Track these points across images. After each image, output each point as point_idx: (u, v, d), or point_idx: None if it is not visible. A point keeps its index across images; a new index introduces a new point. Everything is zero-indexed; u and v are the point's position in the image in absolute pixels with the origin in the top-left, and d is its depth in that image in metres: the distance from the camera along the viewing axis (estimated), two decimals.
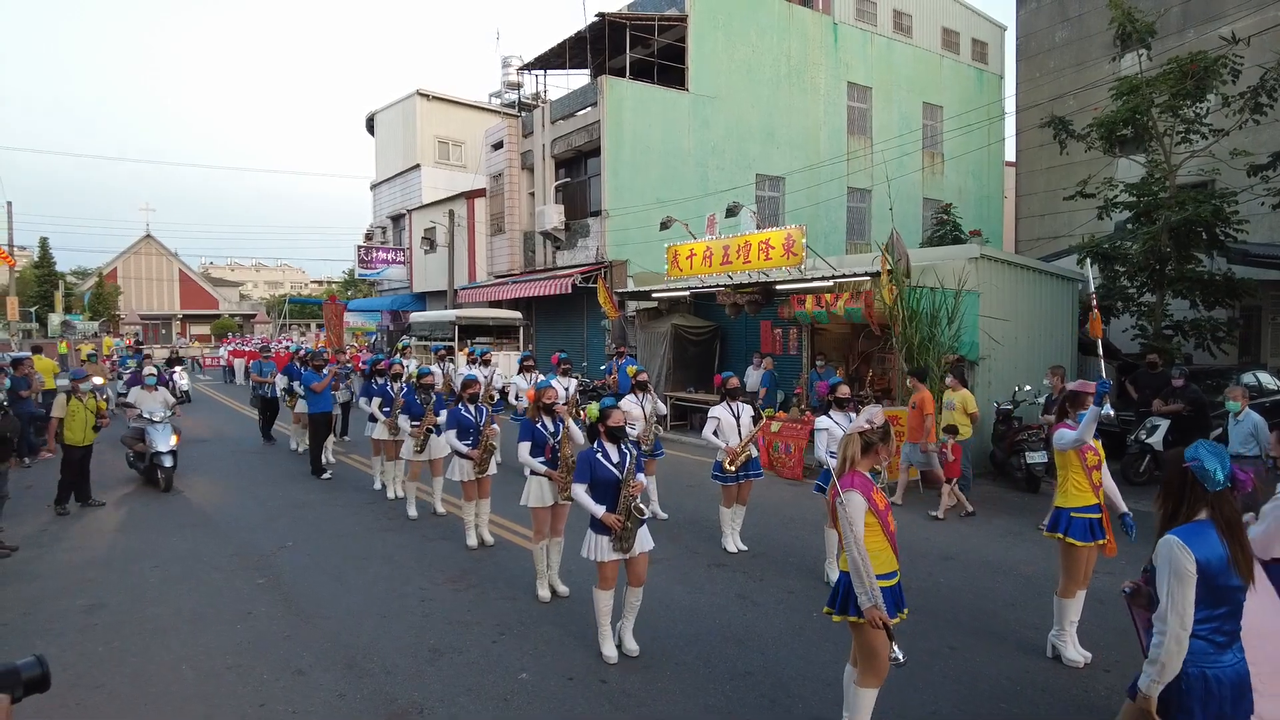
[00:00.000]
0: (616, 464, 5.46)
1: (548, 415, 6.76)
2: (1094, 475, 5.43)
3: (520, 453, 6.61)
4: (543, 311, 24.68)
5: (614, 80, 21.18)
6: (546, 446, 6.65)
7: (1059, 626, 5.47)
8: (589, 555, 5.41)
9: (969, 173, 28.34)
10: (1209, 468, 3.14)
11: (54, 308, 46.77)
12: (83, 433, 9.73)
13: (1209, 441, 3.28)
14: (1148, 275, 13.67)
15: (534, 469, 6.59)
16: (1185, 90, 12.92)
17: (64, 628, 6.05)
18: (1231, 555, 3.06)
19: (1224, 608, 3.08)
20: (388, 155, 35.24)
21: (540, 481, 6.62)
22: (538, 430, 6.68)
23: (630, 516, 5.31)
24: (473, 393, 8.23)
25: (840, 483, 4.11)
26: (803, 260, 12.70)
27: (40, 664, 1.93)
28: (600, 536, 5.37)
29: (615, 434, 5.54)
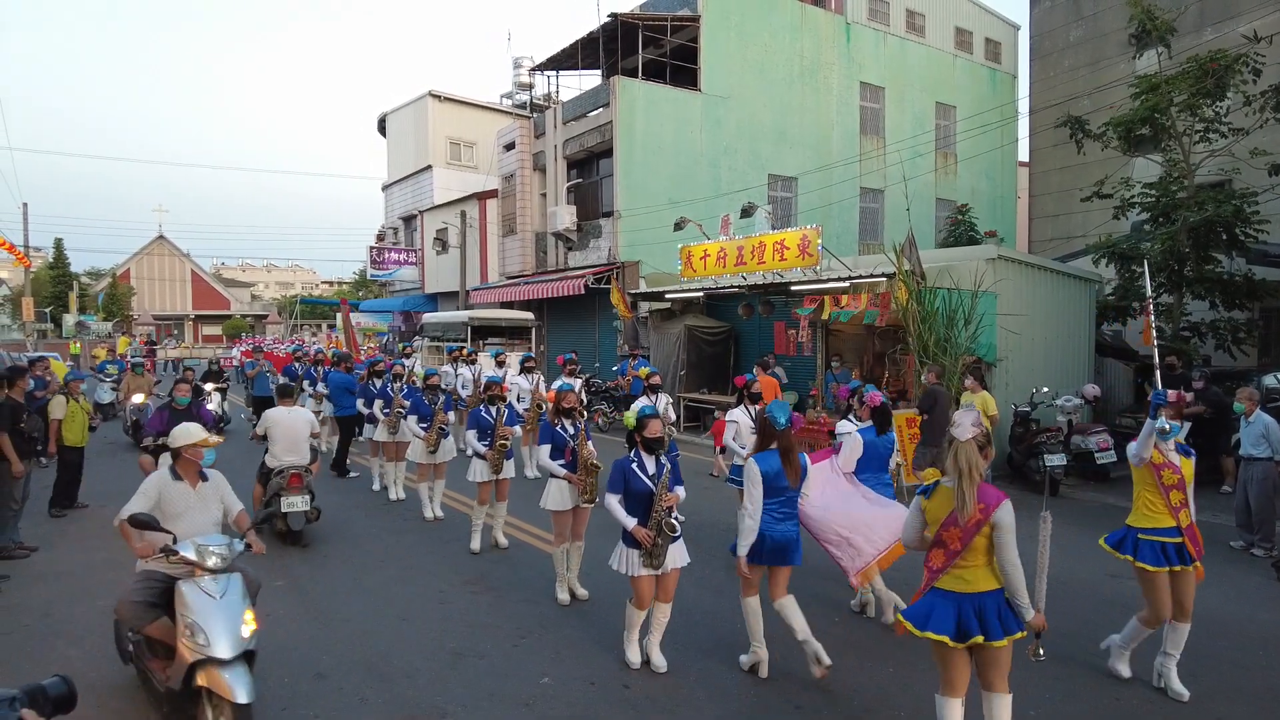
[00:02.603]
0: (651, 475, 5.29)
1: (566, 418, 6.76)
2: (1172, 495, 5.01)
3: (539, 456, 6.61)
4: (555, 312, 24.66)
5: (626, 81, 21.15)
6: (566, 449, 6.64)
7: (1161, 653, 5.04)
8: (619, 568, 5.28)
9: (982, 173, 28.17)
10: (777, 417, 5.12)
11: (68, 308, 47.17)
12: (81, 433, 9.73)
13: (780, 403, 5.27)
14: (1166, 276, 13.54)
15: (553, 472, 6.57)
16: (1205, 89, 12.80)
17: (84, 630, 6.05)
18: (784, 469, 5.08)
19: (779, 499, 5.10)
20: (399, 156, 35.32)
21: (560, 484, 6.59)
22: (557, 433, 6.67)
23: (661, 532, 5.14)
24: (493, 394, 8.19)
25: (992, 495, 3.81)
26: (818, 261, 12.64)
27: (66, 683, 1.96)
28: (631, 550, 5.23)
29: (652, 444, 5.35)
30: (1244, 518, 8.29)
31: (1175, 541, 4.96)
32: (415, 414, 9.38)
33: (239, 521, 5.06)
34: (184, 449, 4.90)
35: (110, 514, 9.68)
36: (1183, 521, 4.96)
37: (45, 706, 1.88)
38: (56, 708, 1.91)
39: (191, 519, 4.79)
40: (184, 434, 4.94)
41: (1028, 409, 11.36)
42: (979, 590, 3.82)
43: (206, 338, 63.29)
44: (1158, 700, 4.92)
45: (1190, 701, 4.90)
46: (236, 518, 5.09)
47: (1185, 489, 5.00)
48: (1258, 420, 8.11)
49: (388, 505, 10.24)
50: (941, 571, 3.88)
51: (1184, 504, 4.98)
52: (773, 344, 15.74)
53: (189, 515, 4.80)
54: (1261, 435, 8.04)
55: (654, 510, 5.16)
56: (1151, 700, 4.93)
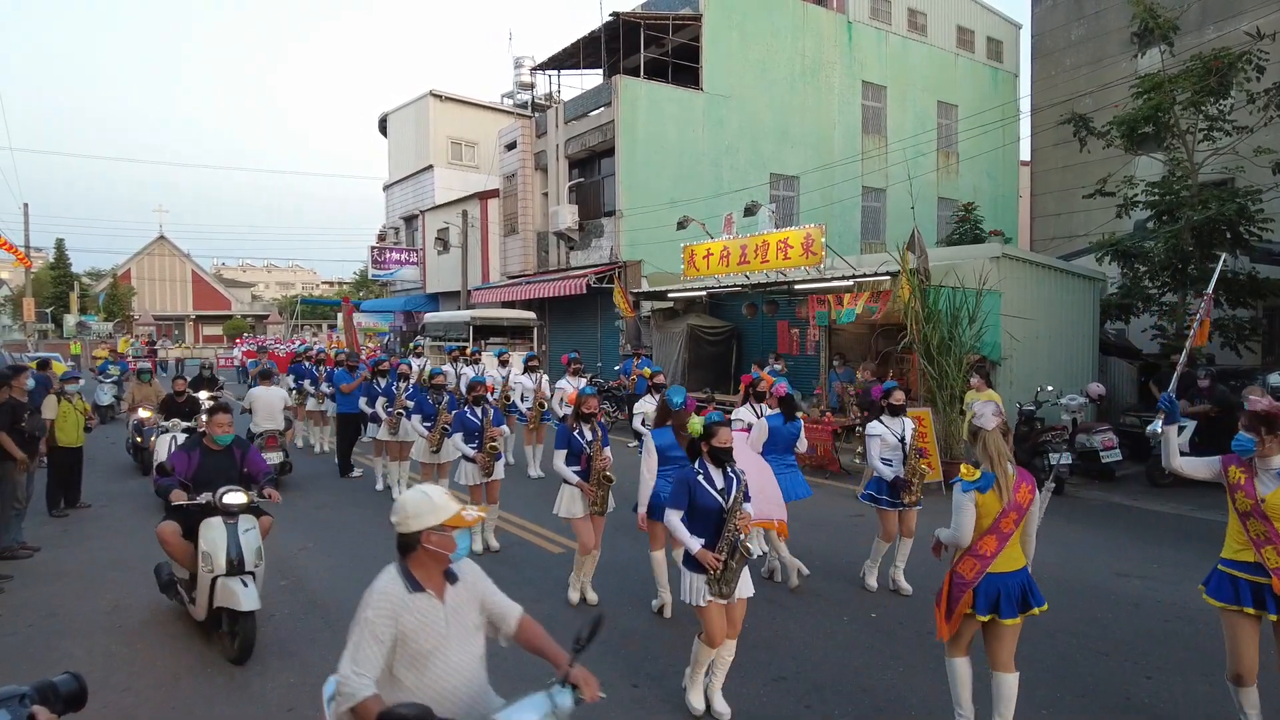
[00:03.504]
0: (721, 490, 4.60)
1: (585, 423, 6.51)
2: (1250, 525, 4.09)
3: (555, 461, 6.43)
4: (557, 312, 24.65)
5: (628, 80, 21.13)
6: (581, 456, 6.41)
7: None
8: (686, 598, 4.61)
9: (984, 172, 28.15)
10: (673, 399, 6.22)
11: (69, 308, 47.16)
12: (75, 434, 9.70)
13: (676, 386, 6.34)
14: (1170, 274, 13.51)
15: (565, 478, 6.39)
16: (1209, 87, 12.78)
17: (88, 629, 6.03)
18: (677, 440, 5.89)
19: (673, 465, 5.85)
20: (401, 156, 35.31)
21: (573, 492, 6.40)
22: (574, 439, 6.44)
23: (735, 555, 4.49)
24: (478, 395, 8.13)
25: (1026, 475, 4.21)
26: (822, 260, 12.62)
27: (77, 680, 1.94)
28: (696, 576, 4.54)
29: (721, 456, 4.66)
30: None
31: (1256, 581, 4.06)
32: (419, 413, 9.32)
33: None
34: (428, 532, 2.90)
35: (112, 514, 9.72)
36: (1269, 561, 4.00)
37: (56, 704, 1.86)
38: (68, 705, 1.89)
39: (448, 661, 2.94)
40: (426, 507, 2.92)
41: (1032, 408, 11.34)
42: (1017, 569, 4.20)
43: (207, 338, 63.31)
44: (1170, 697, 4.89)
45: (1202, 702, 4.87)
46: None
47: (1270, 521, 3.99)
48: None
49: (389, 505, 10.18)
50: (994, 557, 4.11)
51: (1270, 538, 3.99)
52: (776, 343, 15.72)
53: (444, 653, 2.93)
54: None
55: (725, 531, 4.52)
56: (1164, 698, 4.90)
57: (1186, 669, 5.29)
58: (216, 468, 5.90)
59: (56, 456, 9.47)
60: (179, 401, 10.98)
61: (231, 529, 5.52)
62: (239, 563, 5.44)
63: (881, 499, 6.71)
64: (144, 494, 10.77)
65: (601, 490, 6.38)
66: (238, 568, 5.42)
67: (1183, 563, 7.66)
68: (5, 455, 7.74)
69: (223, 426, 6.01)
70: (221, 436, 6.01)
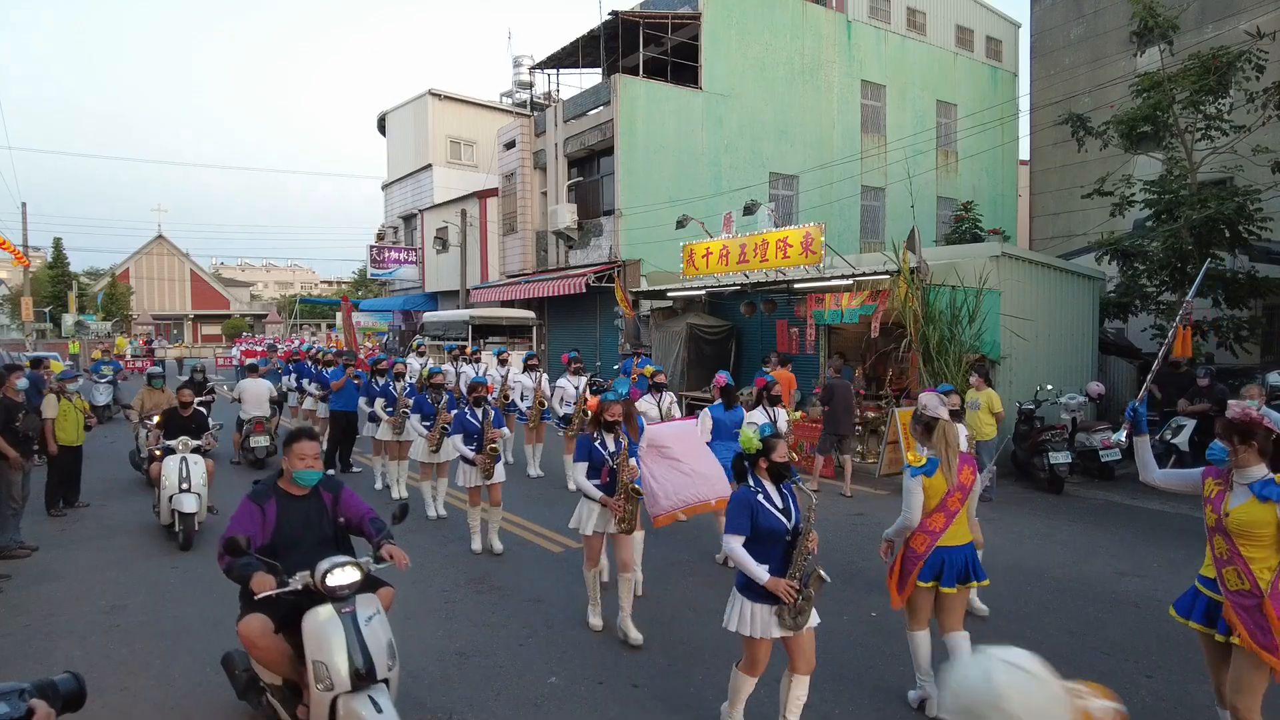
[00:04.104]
0: (782, 510, 4.20)
1: (608, 432, 5.87)
2: (1215, 541, 3.86)
3: (575, 474, 5.93)
4: (556, 311, 24.63)
5: (627, 79, 21.10)
6: (604, 468, 5.81)
7: None
8: (738, 627, 4.19)
9: (983, 171, 28.15)
10: (618, 390, 6.15)
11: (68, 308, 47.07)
12: (75, 432, 9.68)
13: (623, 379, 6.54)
14: (1168, 274, 13.52)
15: (587, 493, 5.80)
16: (1208, 86, 12.78)
17: (87, 629, 6.02)
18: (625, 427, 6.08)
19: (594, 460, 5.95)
20: (399, 155, 35.28)
21: (593, 507, 5.85)
22: (596, 449, 5.84)
23: (810, 582, 4.12)
24: (478, 396, 8.00)
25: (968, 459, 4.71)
26: (822, 259, 12.61)
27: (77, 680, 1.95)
28: (757, 605, 4.11)
29: (779, 471, 4.24)
30: None
31: (1214, 598, 3.89)
32: (418, 412, 9.31)
33: None
34: None
35: (110, 513, 9.71)
36: (1228, 582, 3.74)
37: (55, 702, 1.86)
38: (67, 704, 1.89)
39: None
40: None
41: (1032, 407, 11.34)
42: (964, 543, 4.64)
43: (206, 337, 63.23)
44: (1170, 697, 4.89)
45: (1203, 701, 4.87)
46: None
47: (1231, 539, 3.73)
48: (1266, 417, 8.05)
49: (390, 504, 10.16)
50: (942, 533, 4.56)
51: (1229, 558, 3.75)
52: (775, 342, 15.70)
53: None
54: None
55: (796, 555, 4.14)
56: (1164, 697, 4.90)
57: (1187, 669, 5.29)
58: (302, 521, 4.30)
59: (57, 456, 9.44)
60: (184, 415, 9.47)
61: (349, 620, 3.91)
62: (368, 671, 3.83)
63: None
64: (144, 492, 10.75)
65: (630, 505, 5.74)
66: (366, 677, 3.83)
67: (1183, 562, 7.65)
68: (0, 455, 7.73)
69: (306, 460, 4.31)
70: (305, 474, 4.29)
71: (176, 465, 8.39)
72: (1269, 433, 3.64)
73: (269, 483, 4.34)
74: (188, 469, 8.37)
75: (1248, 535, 3.65)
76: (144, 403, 11.40)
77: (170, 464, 8.45)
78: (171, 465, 8.43)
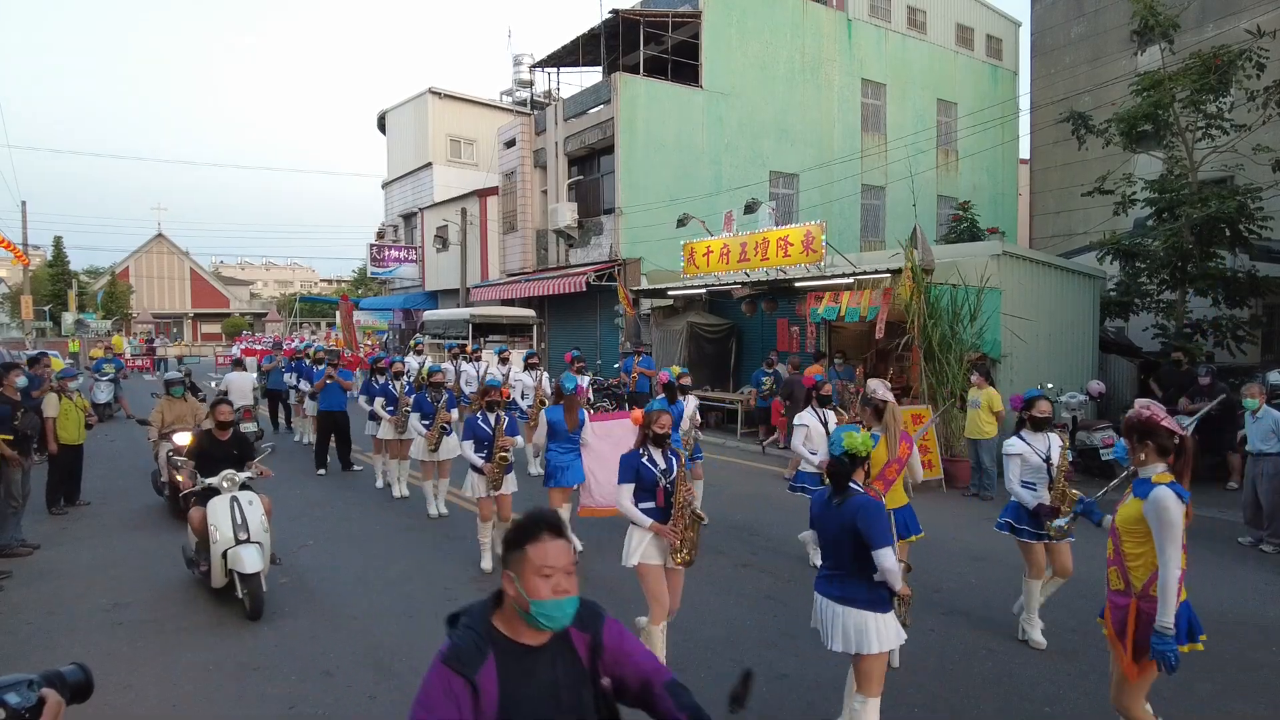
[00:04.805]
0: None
1: (657, 446, 5.03)
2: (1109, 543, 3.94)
3: (620, 498, 4.98)
4: (556, 310, 24.63)
5: (628, 77, 21.09)
6: (658, 489, 4.94)
7: None
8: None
9: (983, 170, 28.15)
10: (565, 385, 7.36)
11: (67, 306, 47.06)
12: (76, 431, 9.66)
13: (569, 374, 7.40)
14: (1169, 272, 13.52)
15: (635, 520, 4.92)
16: (1208, 84, 12.77)
17: (88, 627, 6.01)
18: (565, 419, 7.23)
19: (564, 440, 7.29)
20: (400, 154, 35.26)
21: (644, 535, 4.92)
22: (644, 467, 4.94)
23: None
24: (492, 400, 7.49)
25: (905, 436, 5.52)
26: (822, 257, 12.61)
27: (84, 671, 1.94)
28: None
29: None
30: (1252, 514, 8.25)
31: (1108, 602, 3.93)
32: (418, 411, 9.30)
33: None
34: None
35: (111, 511, 9.69)
36: (1111, 583, 3.86)
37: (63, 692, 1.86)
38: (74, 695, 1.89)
39: None
40: None
41: None
42: (901, 505, 5.59)
43: (206, 336, 63.21)
44: (1174, 696, 4.89)
45: (1203, 698, 4.87)
46: None
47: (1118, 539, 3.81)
48: (1266, 416, 8.07)
49: (391, 502, 10.19)
50: (883, 497, 5.12)
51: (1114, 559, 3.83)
52: (775, 341, 15.71)
53: None
54: (1271, 431, 8.01)
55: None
56: (1167, 696, 4.89)
57: (1189, 666, 5.26)
58: (547, 695, 2.14)
59: (59, 454, 9.44)
60: (221, 438, 6.98)
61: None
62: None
63: (1022, 529, 5.62)
64: (144, 491, 10.74)
65: (691, 533, 4.87)
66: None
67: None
68: None
69: (556, 576, 2.11)
70: (555, 607, 2.12)
71: (227, 510, 6.34)
72: (1170, 433, 3.65)
73: (477, 623, 2.21)
74: (241, 512, 6.36)
75: (1128, 533, 3.71)
76: (164, 416, 9.76)
77: (218, 509, 6.36)
78: (221, 511, 6.35)
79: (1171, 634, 3.50)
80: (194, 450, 6.91)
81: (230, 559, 6.19)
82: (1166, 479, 3.58)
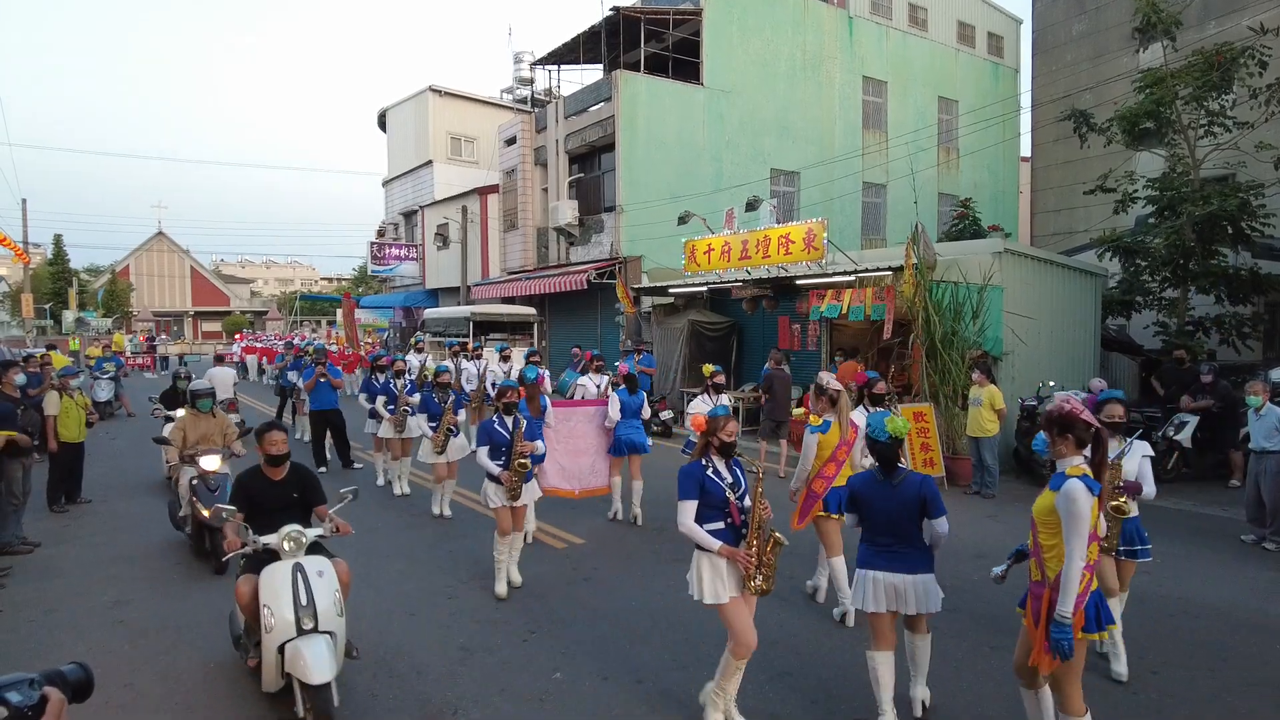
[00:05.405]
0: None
1: (722, 457, 4.43)
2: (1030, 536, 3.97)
3: (682, 517, 4.32)
4: (557, 307, 24.60)
5: (629, 75, 21.05)
6: (730, 506, 4.30)
7: None
8: None
9: (984, 168, 28.10)
10: (528, 375, 7.57)
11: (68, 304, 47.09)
12: (77, 429, 9.66)
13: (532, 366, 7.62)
14: (1171, 270, 13.50)
15: (703, 543, 4.27)
16: (1211, 82, 12.74)
17: (89, 625, 6.01)
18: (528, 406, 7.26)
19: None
20: (400, 151, 35.22)
21: (715, 563, 4.28)
22: (710, 481, 4.31)
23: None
24: (508, 402, 6.68)
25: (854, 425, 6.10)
26: (824, 255, 12.58)
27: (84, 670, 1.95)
28: None
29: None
30: (1255, 512, 8.23)
31: None
32: (425, 412, 9.25)
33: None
34: None
35: (112, 509, 9.68)
36: (1031, 574, 3.94)
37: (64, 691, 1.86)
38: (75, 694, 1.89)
39: None
40: None
41: (1034, 403, 11.32)
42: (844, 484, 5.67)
43: (206, 334, 63.21)
44: (1175, 692, 4.88)
45: (1207, 696, 4.86)
46: None
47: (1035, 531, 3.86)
48: (1269, 414, 8.04)
49: (392, 501, 10.19)
50: (835, 477, 5.93)
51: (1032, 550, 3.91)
52: (777, 338, 15.68)
53: None
54: (1274, 428, 7.98)
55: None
56: (1169, 693, 4.89)
57: (1191, 663, 5.28)
58: None
59: (59, 452, 9.43)
60: (274, 479, 5.22)
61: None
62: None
63: None
64: (145, 490, 10.74)
65: (770, 556, 4.26)
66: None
67: (1182, 556, 7.66)
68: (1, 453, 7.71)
69: None
70: None
71: (288, 584, 4.44)
72: (1087, 425, 3.72)
73: None
74: (307, 588, 4.45)
75: (1043, 524, 3.76)
76: (186, 435, 7.91)
77: (276, 582, 4.47)
78: (279, 585, 4.45)
79: (1068, 623, 3.57)
80: (238, 496, 5.08)
81: (289, 657, 4.30)
82: (1079, 472, 3.65)
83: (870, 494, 4.35)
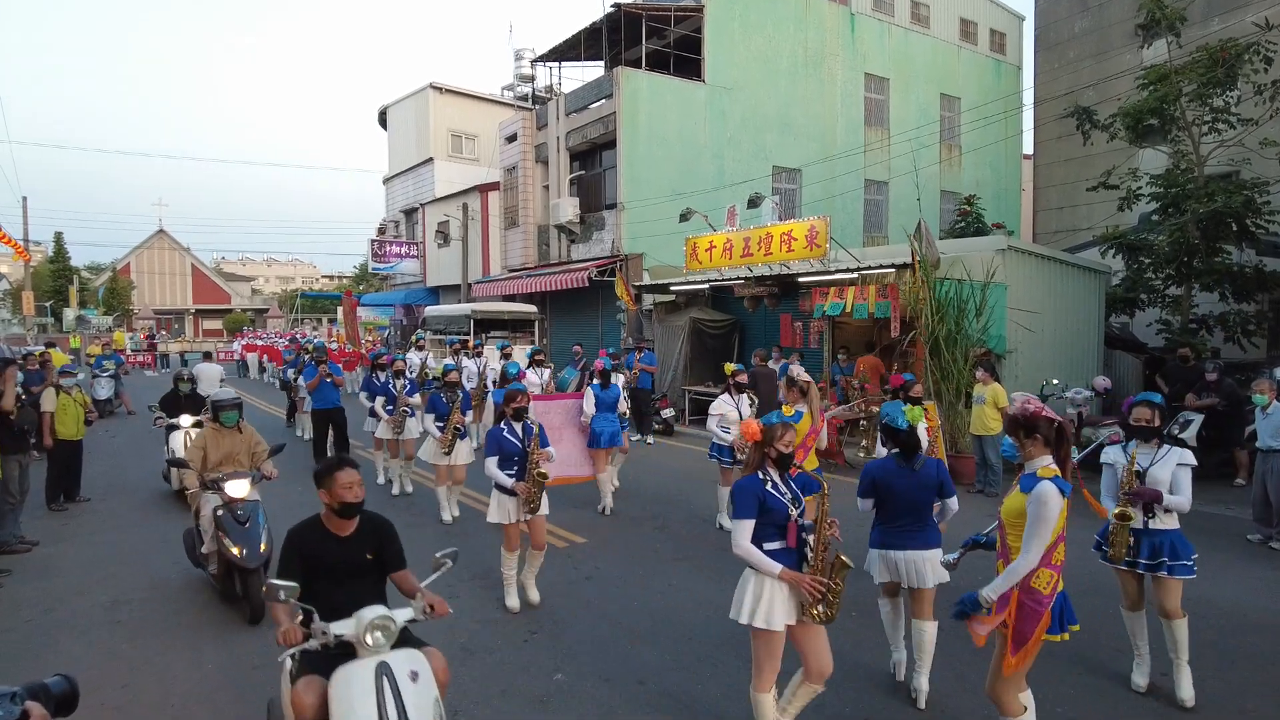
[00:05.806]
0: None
1: (779, 468, 4.02)
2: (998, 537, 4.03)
3: (738, 537, 3.90)
4: (557, 305, 24.56)
5: (630, 71, 21.00)
6: (790, 524, 3.91)
7: None
8: None
9: (987, 165, 28.04)
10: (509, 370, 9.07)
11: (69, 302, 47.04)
12: (75, 427, 9.61)
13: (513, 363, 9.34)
14: (1175, 267, 13.44)
15: (759, 565, 3.87)
16: (1215, 78, 12.67)
17: (88, 625, 5.97)
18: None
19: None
20: (401, 149, 35.17)
21: (772, 586, 3.86)
22: (770, 496, 3.91)
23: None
24: (518, 408, 6.24)
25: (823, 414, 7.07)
26: (826, 252, 12.53)
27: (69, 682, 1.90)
28: None
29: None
30: (1262, 511, 8.17)
31: None
32: (432, 412, 9.12)
33: None
34: None
35: (111, 508, 9.64)
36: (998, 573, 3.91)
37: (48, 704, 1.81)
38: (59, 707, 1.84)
39: None
40: None
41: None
42: (814, 468, 6.79)
43: (207, 332, 63.21)
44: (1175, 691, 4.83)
45: (1216, 696, 4.81)
46: None
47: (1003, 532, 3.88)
48: (1276, 412, 7.99)
49: (391, 499, 10.14)
50: (802, 463, 6.06)
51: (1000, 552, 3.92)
52: (779, 336, 15.64)
53: None
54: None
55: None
56: (1174, 696, 4.83)
57: (1200, 665, 5.23)
58: None
59: (56, 450, 9.38)
60: (341, 535, 4.13)
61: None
62: None
63: None
64: (145, 488, 10.70)
65: (837, 581, 3.85)
66: None
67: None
68: None
69: None
70: None
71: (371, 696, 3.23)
72: (1050, 422, 3.71)
73: None
74: (398, 700, 3.25)
75: (1011, 526, 3.75)
76: (207, 454, 6.62)
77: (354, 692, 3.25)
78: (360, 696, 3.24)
79: (989, 605, 3.59)
80: (290, 560, 3.86)
81: None
82: (1051, 473, 3.64)
83: (892, 479, 4.65)
